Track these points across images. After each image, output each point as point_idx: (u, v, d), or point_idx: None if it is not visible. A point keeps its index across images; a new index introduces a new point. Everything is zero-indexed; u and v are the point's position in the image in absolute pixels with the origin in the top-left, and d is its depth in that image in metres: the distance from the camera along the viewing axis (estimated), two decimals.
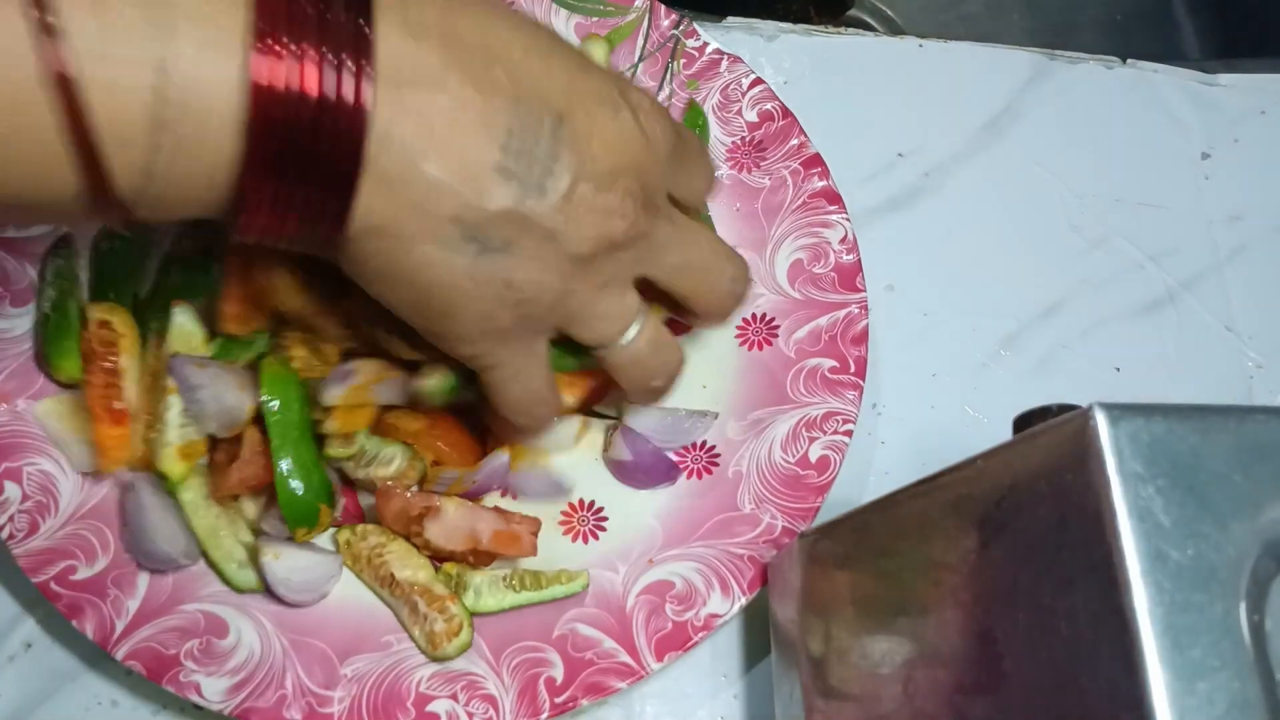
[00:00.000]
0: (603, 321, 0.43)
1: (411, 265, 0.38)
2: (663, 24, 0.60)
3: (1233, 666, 0.28)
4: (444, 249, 0.38)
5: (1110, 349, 0.60)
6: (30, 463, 0.47)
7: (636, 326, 0.44)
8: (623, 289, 0.43)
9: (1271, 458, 0.30)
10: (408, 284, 0.39)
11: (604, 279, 0.42)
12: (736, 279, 0.46)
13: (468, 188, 0.37)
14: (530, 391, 0.44)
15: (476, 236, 0.38)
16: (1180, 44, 0.91)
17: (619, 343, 0.44)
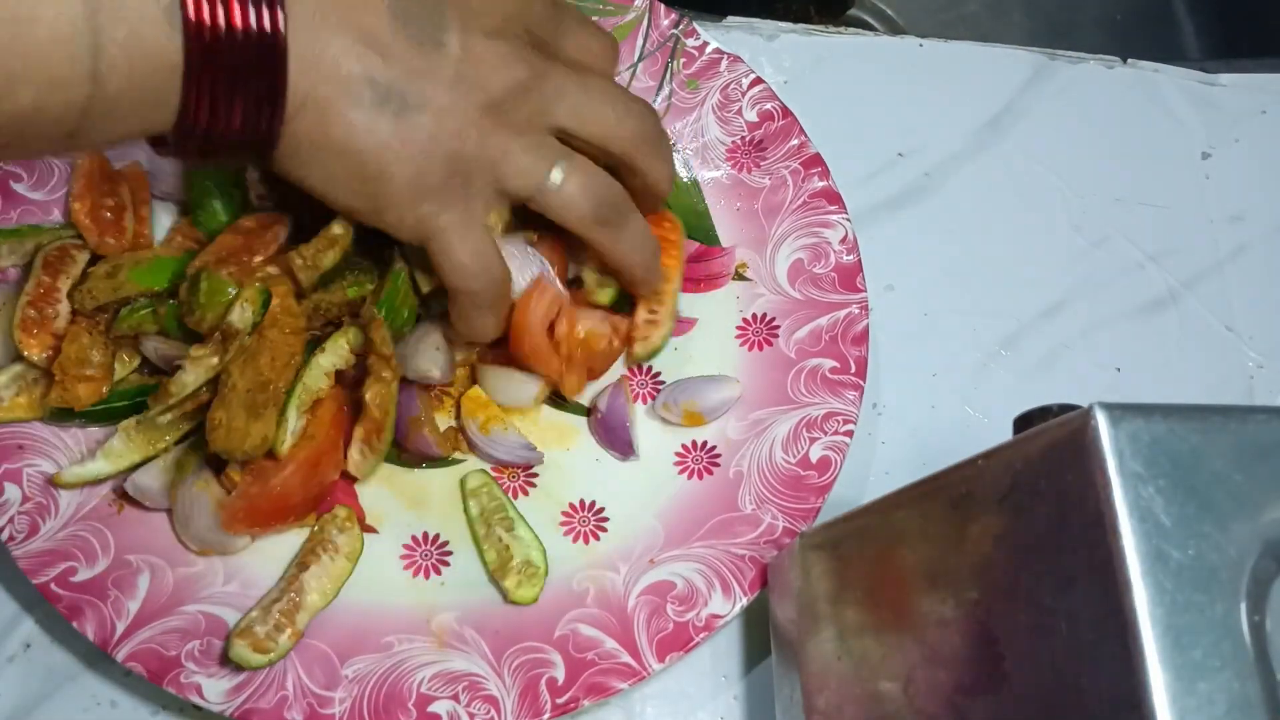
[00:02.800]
0: (526, 166, 0.45)
1: (341, 135, 0.41)
2: (662, 23, 0.60)
3: (1233, 667, 0.28)
4: (366, 113, 0.41)
5: (1110, 349, 0.60)
6: (30, 464, 0.47)
7: (561, 167, 0.45)
8: (540, 134, 0.45)
9: (1272, 458, 0.30)
10: (340, 155, 0.42)
11: (518, 124, 0.44)
12: (645, 114, 0.48)
13: (371, 50, 0.41)
14: (478, 253, 0.45)
15: (390, 96, 0.41)
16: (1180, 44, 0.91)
17: (547, 185, 0.45)
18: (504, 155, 0.44)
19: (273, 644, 0.45)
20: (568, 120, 0.46)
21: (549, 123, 0.46)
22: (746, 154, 0.59)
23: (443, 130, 0.43)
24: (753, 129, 0.59)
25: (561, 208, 0.46)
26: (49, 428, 0.48)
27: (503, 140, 0.44)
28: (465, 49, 0.43)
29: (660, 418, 0.53)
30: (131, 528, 0.47)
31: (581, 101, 0.46)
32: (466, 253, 0.45)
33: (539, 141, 0.45)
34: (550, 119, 0.46)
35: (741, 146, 0.59)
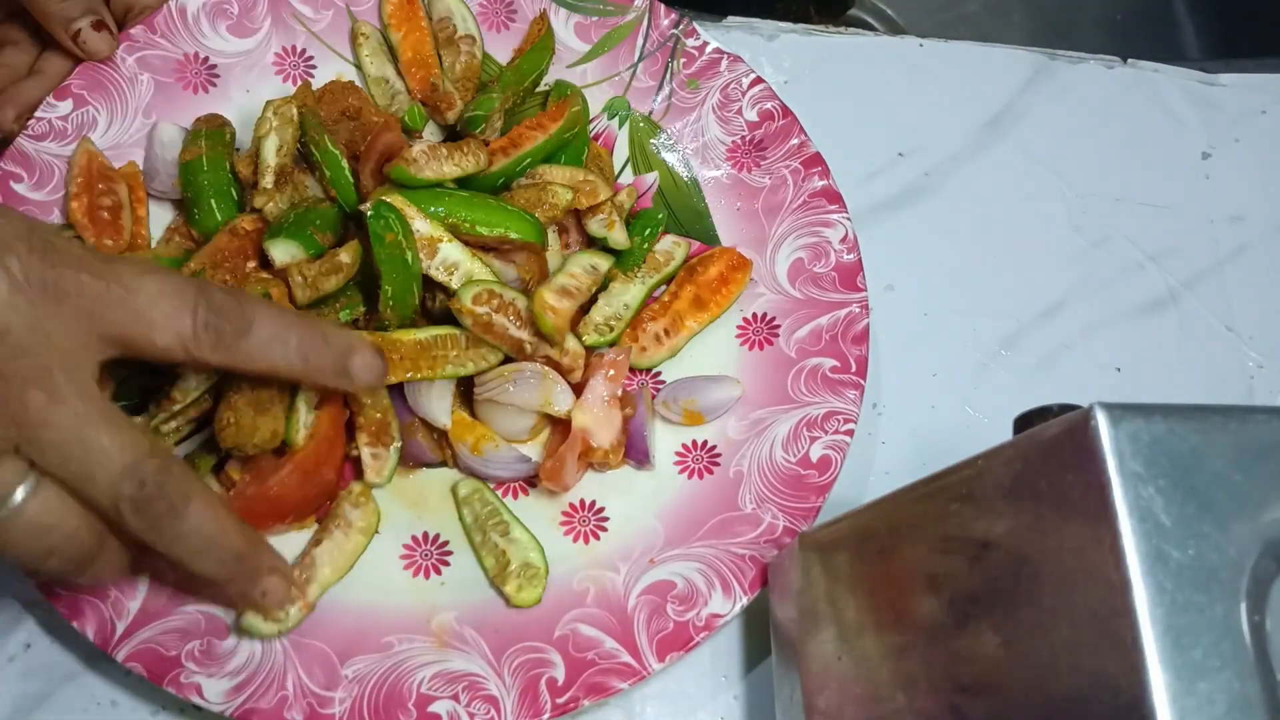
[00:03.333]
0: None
1: None
2: (662, 23, 0.60)
3: (1233, 666, 0.28)
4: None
5: (1111, 349, 0.60)
6: None
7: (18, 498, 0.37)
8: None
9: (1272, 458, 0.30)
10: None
11: None
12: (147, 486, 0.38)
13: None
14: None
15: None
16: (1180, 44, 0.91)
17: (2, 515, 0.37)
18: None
19: (283, 614, 0.45)
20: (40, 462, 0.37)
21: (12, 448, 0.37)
22: (747, 154, 0.59)
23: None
24: (753, 129, 0.59)
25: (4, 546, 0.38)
26: None
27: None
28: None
29: (660, 416, 0.53)
30: None
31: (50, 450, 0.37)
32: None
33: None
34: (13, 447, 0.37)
35: (742, 146, 0.59)
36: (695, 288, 0.55)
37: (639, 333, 0.54)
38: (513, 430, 0.51)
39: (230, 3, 0.57)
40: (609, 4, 0.60)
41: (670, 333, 0.54)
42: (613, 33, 0.60)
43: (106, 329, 0.38)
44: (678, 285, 0.56)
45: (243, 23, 0.58)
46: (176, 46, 0.56)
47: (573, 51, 0.60)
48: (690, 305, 0.55)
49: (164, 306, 0.38)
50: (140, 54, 0.56)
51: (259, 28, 0.58)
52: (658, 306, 0.55)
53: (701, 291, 0.55)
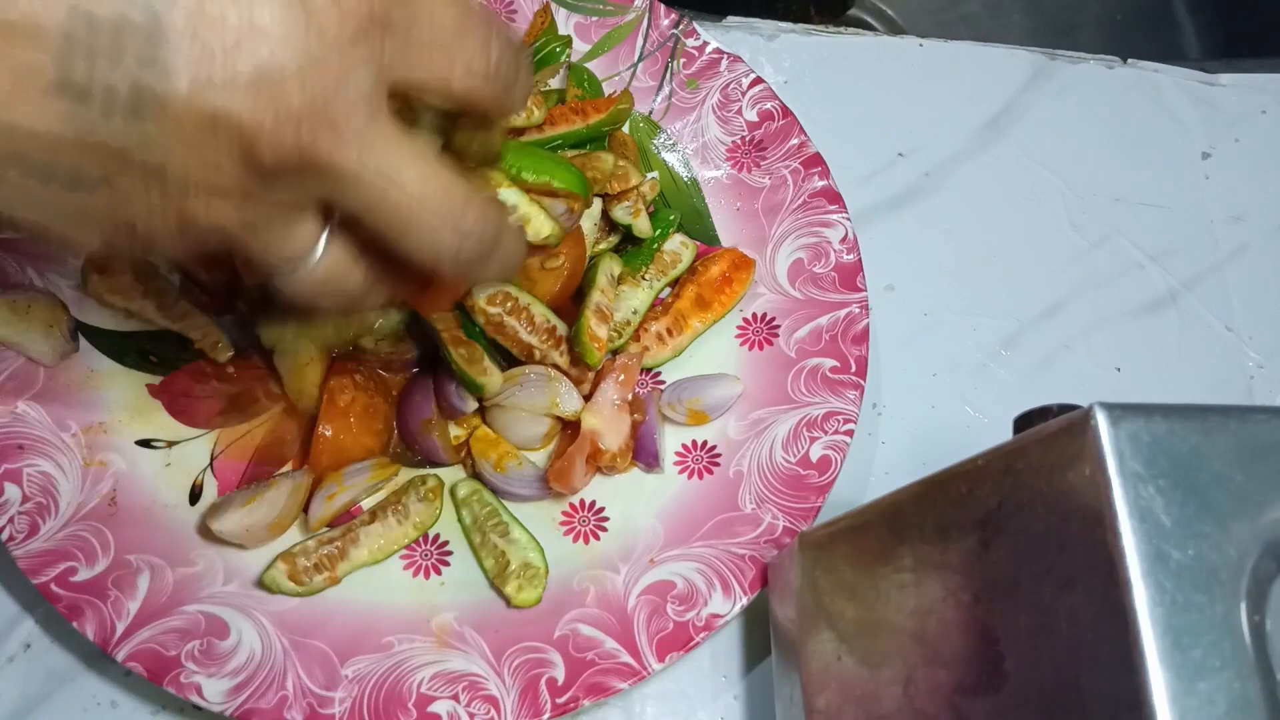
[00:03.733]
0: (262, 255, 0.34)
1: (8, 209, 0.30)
2: (662, 23, 0.60)
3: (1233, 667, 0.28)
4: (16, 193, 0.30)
5: (1111, 349, 0.60)
6: (30, 464, 0.47)
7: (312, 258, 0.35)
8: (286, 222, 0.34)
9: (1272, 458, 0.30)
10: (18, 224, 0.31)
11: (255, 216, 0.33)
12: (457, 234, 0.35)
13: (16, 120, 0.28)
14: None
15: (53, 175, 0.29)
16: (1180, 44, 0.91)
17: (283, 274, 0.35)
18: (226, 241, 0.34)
19: (308, 579, 0.47)
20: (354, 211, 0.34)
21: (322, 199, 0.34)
22: (746, 154, 0.59)
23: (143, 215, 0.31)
24: (753, 129, 0.59)
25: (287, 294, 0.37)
26: (49, 427, 0.48)
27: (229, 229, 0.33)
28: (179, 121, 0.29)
29: (666, 418, 0.53)
30: (131, 527, 0.47)
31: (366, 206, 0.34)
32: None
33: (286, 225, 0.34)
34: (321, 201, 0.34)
35: (741, 146, 0.59)
36: (698, 287, 0.55)
37: (641, 332, 0.54)
38: (526, 437, 0.51)
39: None
40: (609, 4, 0.60)
41: (673, 332, 0.54)
42: (613, 33, 0.60)
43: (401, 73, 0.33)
44: (680, 285, 0.56)
45: None
46: None
47: (573, 51, 0.60)
48: (693, 305, 0.55)
49: (467, 47, 0.34)
50: None
51: None
52: (660, 307, 0.55)
53: (704, 291, 0.55)
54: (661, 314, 0.55)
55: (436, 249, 0.35)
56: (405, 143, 0.33)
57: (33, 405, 0.48)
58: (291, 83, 0.29)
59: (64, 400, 0.49)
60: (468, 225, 0.35)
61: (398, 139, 0.33)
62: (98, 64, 0.28)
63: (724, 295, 0.55)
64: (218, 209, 0.31)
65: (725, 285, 0.55)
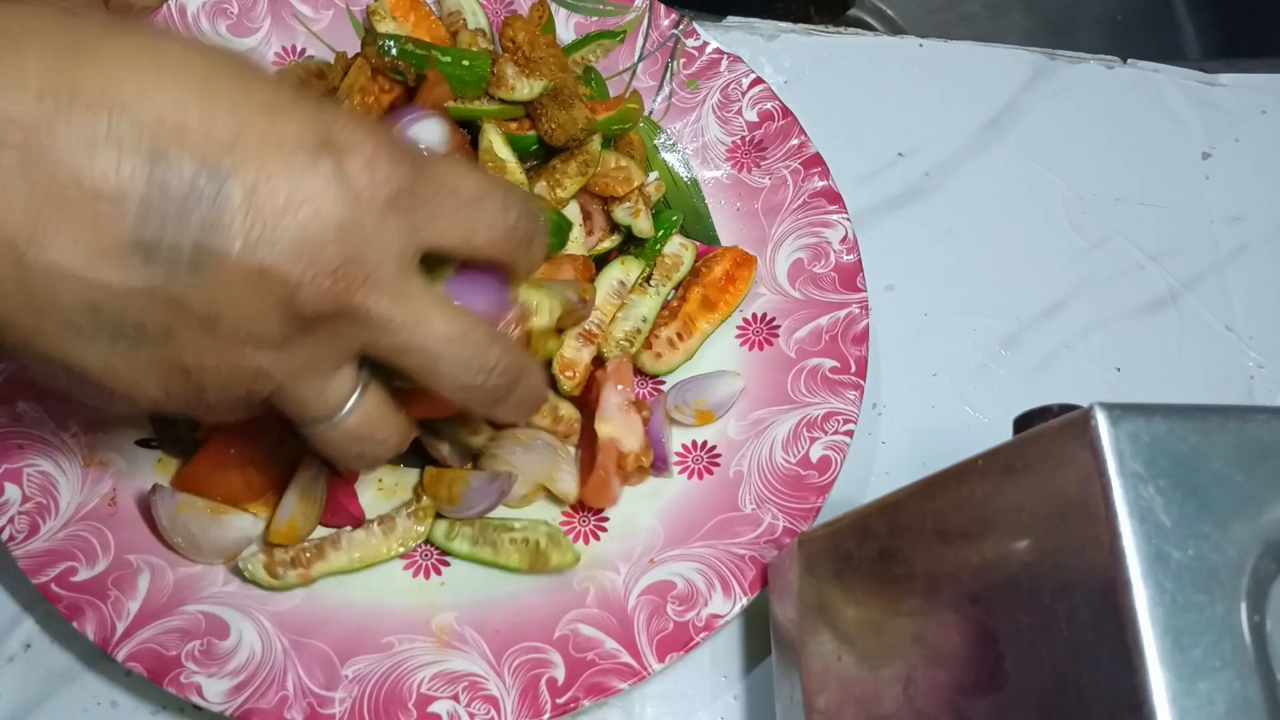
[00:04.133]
0: (298, 406, 0.37)
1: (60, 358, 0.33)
2: (662, 23, 0.60)
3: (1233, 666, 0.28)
4: (87, 343, 0.33)
5: (1111, 349, 0.60)
6: (30, 464, 0.47)
7: (347, 408, 0.38)
8: (327, 373, 0.37)
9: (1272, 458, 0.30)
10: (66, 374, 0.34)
11: (298, 366, 0.36)
12: (482, 371, 0.39)
13: (92, 271, 0.31)
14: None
15: (120, 331, 0.33)
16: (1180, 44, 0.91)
17: (319, 425, 0.38)
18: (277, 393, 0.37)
19: (282, 573, 0.46)
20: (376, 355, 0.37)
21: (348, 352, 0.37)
22: (746, 154, 0.59)
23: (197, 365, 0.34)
24: (753, 129, 0.59)
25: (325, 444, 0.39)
26: (49, 427, 0.48)
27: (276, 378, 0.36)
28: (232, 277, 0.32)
29: (673, 420, 0.53)
30: (131, 528, 0.47)
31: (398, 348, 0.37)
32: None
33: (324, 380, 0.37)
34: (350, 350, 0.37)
35: (741, 146, 0.59)
36: (703, 289, 0.55)
37: (652, 339, 0.54)
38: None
39: (230, 2, 0.57)
40: (609, 4, 0.60)
41: (683, 336, 0.54)
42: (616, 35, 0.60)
43: (429, 236, 0.37)
44: (684, 288, 0.56)
45: (242, 22, 0.58)
46: None
47: None
48: (699, 307, 0.55)
49: (486, 212, 0.38)
50: None
51: (259, 27, 0.58)
52: (667, 311, 0.55)
53: (709, 292, 0.55)
54: (669, 319, 0.55)
55: (464, 384, 0.38)
56: (433, 292, 0.37)
57: (33, 405, 0.48)
58: (331, 242, 0.33)
59: (64, 400, 0.49)
60: (491, 362, 0.39)
61: (426, 289, 0.37)
62: (167, 226, 0.32)
63: (729, 295, 0.55)
64: (264, 358, 0.35)
65: (729, 284, 0.55)
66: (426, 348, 0.37)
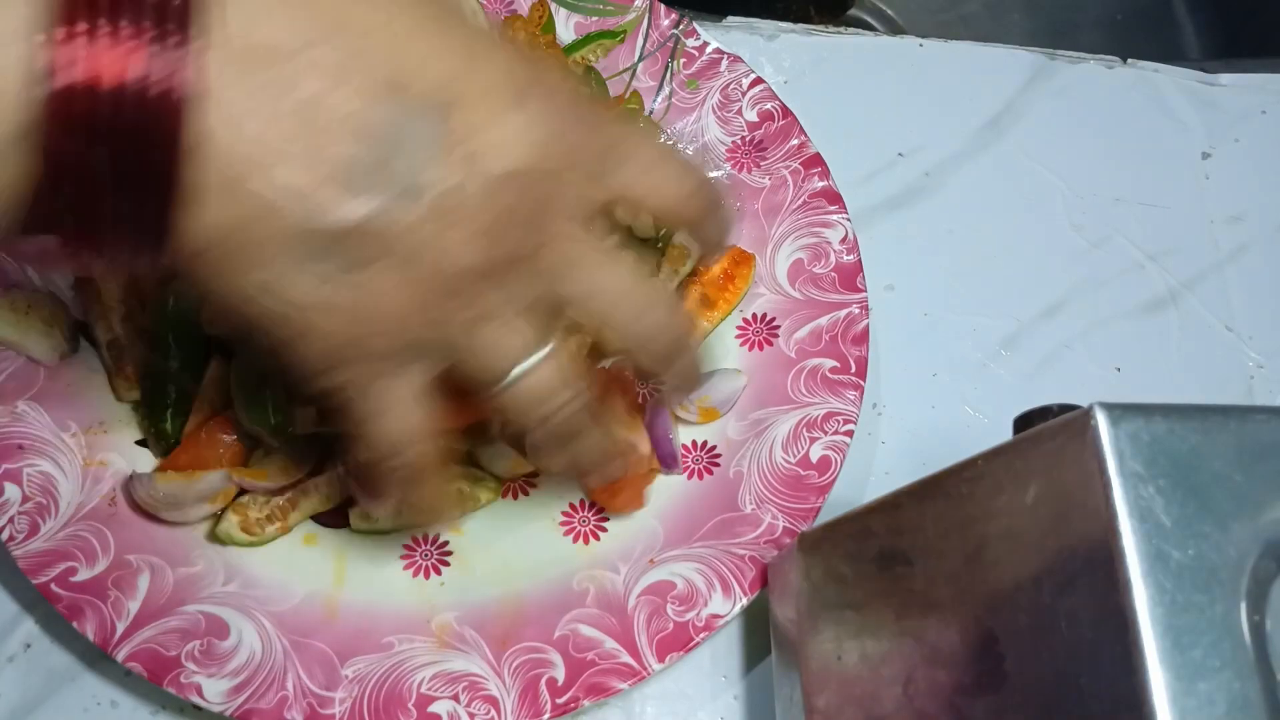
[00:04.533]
0: (487, 353, 0.37)
1: (250, 289, 0.33)
2: (662, 23, 0.60)
3: (1233, 667, 0.28)
4: (288, 270, 0.32)
5: (1111, 349, 0.60)
6: (30, 464, 0.47)
7: (535, 359, 0.38)
8: (515, 317, 0.37)
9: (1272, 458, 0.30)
10: (245, 309, 0.33)
11: (485, 306, 0.36)
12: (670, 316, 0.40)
13: (317, 197, 0.31)
14: (399, 430, 0.38)
15: (328, 255, 0.32)
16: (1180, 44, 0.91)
17: (509, 380, 0.37)
18: (455, 338, 0.36)
19: (260, 530, 0.47)
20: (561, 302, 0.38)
21: (533, 298, 0.37)
22: (746, 154, 0.59)
23: (384, 303, 0.34)
24: (753, 129, 0.59)
25: (504, 409, 0.38)
26: (50, 427, 0.48)
27: (462, 323, 0.36)
28: (443, 209, 0.33)
29: (676, 419, 0.53)
30: (131, 528, 0.47)
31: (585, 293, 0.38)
32: (385, 428, 0.38)
33: (507, 327, 0.37)
34: (536, 295, 0.37)
35: (741, 146, 0.59)
36: (701, 287, 0.55)
37: None
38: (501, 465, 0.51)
39: None
40: (609, 4, 0.60)
41: None
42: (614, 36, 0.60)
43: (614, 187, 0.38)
44: (684, 287, 0.55)
45: None
46: None
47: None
48: (699, 305, 0.55)
49: (668, 172, 0.39)
50: None
51: None
52: None
53: (708, 290, 0.55)
54: None
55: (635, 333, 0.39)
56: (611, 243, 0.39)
57: (32, 405, 0.48)
58: (524, 185, 0.34)
59: (64, 400, 0.49)
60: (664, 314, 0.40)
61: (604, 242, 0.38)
62: (388, 160, 0.32)
63: (728, 293, 0.55)
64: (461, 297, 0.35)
65: (728, 283, 0.55)
66: (607, 291, 0.38)
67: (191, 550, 0.48)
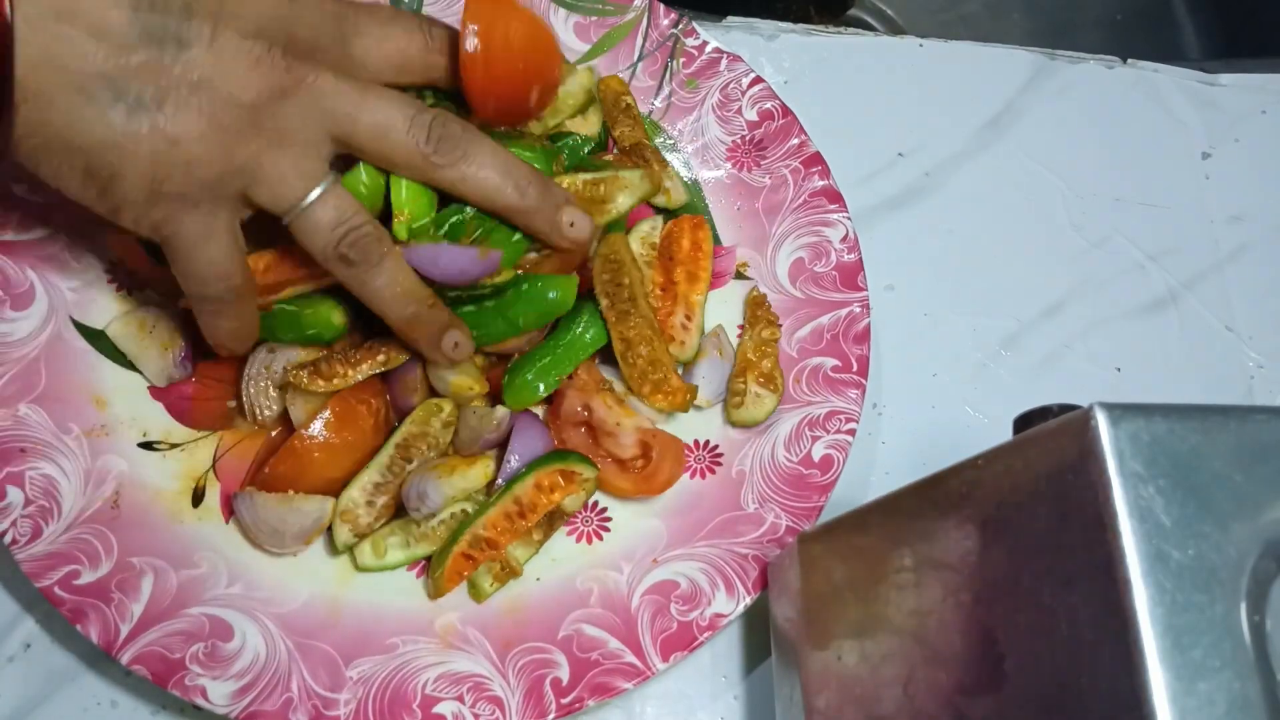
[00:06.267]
0: (281, 183, 0.42)
1: (66, 130, 0.39)
2: (662, 23, 0.60)
3: (1233, 666, 0.28)
4: (94, 107, 0.38)
5: (1111, 349, 0.60)
6: (33, 467, 0.47)
7: (319, 189, 0.43)
8: (303, 149, 0.43)
9: (1272, 458, 0.30)
10: (67, 151, 0.39)
11: (276, 134, 0.42)
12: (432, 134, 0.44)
13: (104, 44, 0.38)
14: (213, 262, 0.43)
15: (123, 93, 0.39)
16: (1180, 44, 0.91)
17: (300, 207, 0.43)
18: (255, 166, 0.42)
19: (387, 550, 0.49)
20: (340, 132, 0.43)
21: (317, 132, 0.43)
22: (747, 153, 0.59)
23: (184, 131, 0.40)
24: (753, 128, 0.59)
25: (304, 234, 0.44)
26: (51, 430, 0.48)
27: (257, 150, 0.42)
28: (213, 50, 0.40)
29: None
30: (134, 530, 0.47)
31: (355, 120, 0.43)
32: (202, 262, 0.43)
33: (300, 155, 0.43)
34: (319, 129, 0.43)
35: (742, 146, 0.59)
36: (681, 266, 0.55)
37: (666, 328, 0.54)
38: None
39: None
40: (608, 4, 0.60)
41: (691, 317, 0.54)
42: (612, 32, 0.60)
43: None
44: (664, 272, 0.55)
45: None
46: None
47: (572, 51, 0.60)
48: (687, 282, 0.55)
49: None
50: None
51: None
52: (666, 295, 0.55)
53: (688, 266, 0.55)
54: (671, 305, 0.54)
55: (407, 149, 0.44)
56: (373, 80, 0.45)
57: (34, 408, 0.48)
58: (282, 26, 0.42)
59: (65, 403, 0.49)
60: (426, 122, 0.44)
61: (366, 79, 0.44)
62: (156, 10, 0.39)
63: (703, 262, 0.55)
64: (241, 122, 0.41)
65: (697, 252, 0.55)
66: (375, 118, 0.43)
67: (195, 552, 0.48)
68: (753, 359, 0.53)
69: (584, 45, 0.60)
